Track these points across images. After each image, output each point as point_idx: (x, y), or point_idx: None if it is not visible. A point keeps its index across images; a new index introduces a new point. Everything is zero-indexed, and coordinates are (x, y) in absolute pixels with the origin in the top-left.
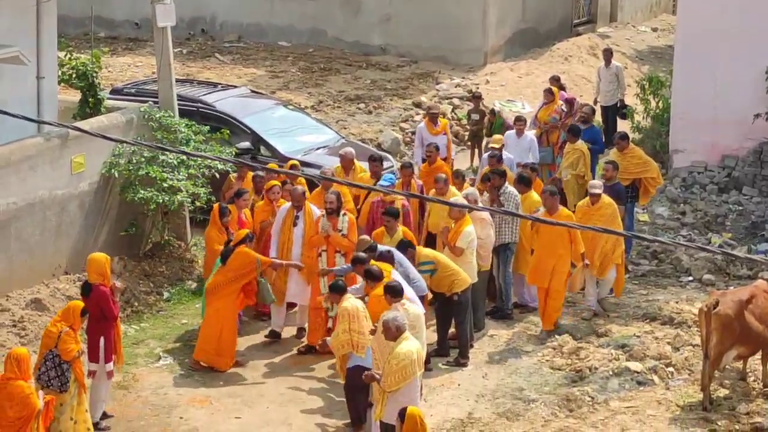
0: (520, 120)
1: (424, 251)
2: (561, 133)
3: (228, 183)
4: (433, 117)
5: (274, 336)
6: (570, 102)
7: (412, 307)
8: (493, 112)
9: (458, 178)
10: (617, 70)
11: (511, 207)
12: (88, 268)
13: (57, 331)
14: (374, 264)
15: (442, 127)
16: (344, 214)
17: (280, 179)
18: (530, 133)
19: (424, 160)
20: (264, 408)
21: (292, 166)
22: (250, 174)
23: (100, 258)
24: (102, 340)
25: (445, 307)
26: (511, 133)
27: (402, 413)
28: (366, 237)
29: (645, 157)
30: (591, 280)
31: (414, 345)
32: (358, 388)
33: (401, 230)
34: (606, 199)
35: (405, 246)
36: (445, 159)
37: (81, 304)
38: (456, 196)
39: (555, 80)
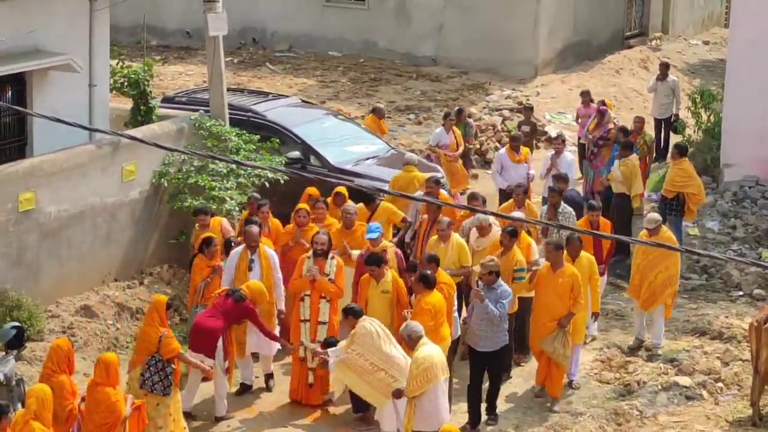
0: (557, 139)
1: (519, 257)
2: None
3: (195, 233)
4: (515, 144)
5: (246, 389)
6: (602, 113)
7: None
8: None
9: (476, 200)
10: (673, 84)
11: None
12: (249, 287)
13: (157, 335)
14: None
15: (525, 156)
16: (332, 258)
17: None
18: (569, 154)
19: (503, 191)
20: (315, 415)
21: (338, 194)
22: (217, 220)
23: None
24: (220, 339)
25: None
26: (551, 153)
27: None
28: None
29: (692, 172)
30: (639, 312)
31: (433, 350)
32: None
33: (390, 274)
34: (666, 233)
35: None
36: (526, 192)
37: (165, 298)
38: (461, 242)
39: (585, 94)
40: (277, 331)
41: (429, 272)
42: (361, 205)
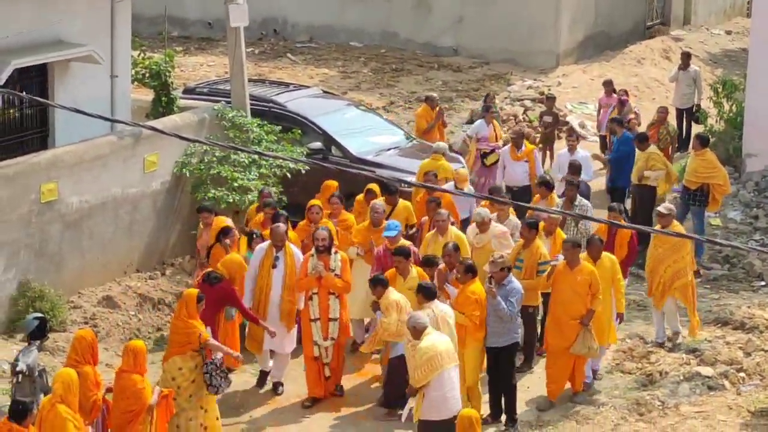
0: (571, 136)
1: (542, 250)
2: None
3: (199, 232)
4: (517, 141)
5: (266, 376)
6: (623, 103)
7: (441, 307)
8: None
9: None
10: (695, 74)
11: (582, 223)
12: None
13: (186, 328)
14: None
15: (526, 153)
16: (336, 252)
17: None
18: (583, 151)
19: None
20: (338, 408)
21: (369, 190)
22: (220, 219)
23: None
24: (209, 329)
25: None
26: (564, 151)
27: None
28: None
29: (716, 163)
30: (658, 313)
31: (438, 339)
32: (397, 376)
33: (416, 271)
34: (678, 226)
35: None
36: (549, 185)
37: (195, 292)
38: (460, 235)
39: (608, 84)
40: (294, 333)
41: (471, 261)
42: (383, 200)
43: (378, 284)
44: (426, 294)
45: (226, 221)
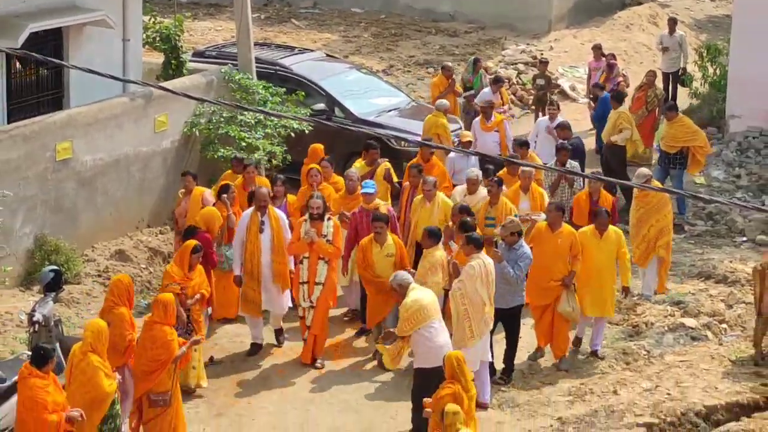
0: (552, 105)
1: (510, 205)
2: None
3: (178, 200)
4: (486, 111)
5: (256, 349)
6: (611, 66)
7: (488, 259)
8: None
9: (522, 147)
10: (681, 39)
11: (576, 184)
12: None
13: (168, 282)
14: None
15: (495, 123)
16: (329, 219)
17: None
18: (562, 119)
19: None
20: (336, 356)
21: (371, 146)
22: (199, 189)
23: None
24: None
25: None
26: (543, 119)
27: None
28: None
29: (693, 126)
30: (642, 270)
31: (422, 293)
32: None
33: (391, 238)
34: (657, 185)
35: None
36: (524, 145)
37: (193, 242)
38: (446, 200)
39: (597, 48)
40: (288, 294)
41: (468, 220)
42: (362, 163)
43: (431, 236)
44: (476, 245)
45: (204, 193)
